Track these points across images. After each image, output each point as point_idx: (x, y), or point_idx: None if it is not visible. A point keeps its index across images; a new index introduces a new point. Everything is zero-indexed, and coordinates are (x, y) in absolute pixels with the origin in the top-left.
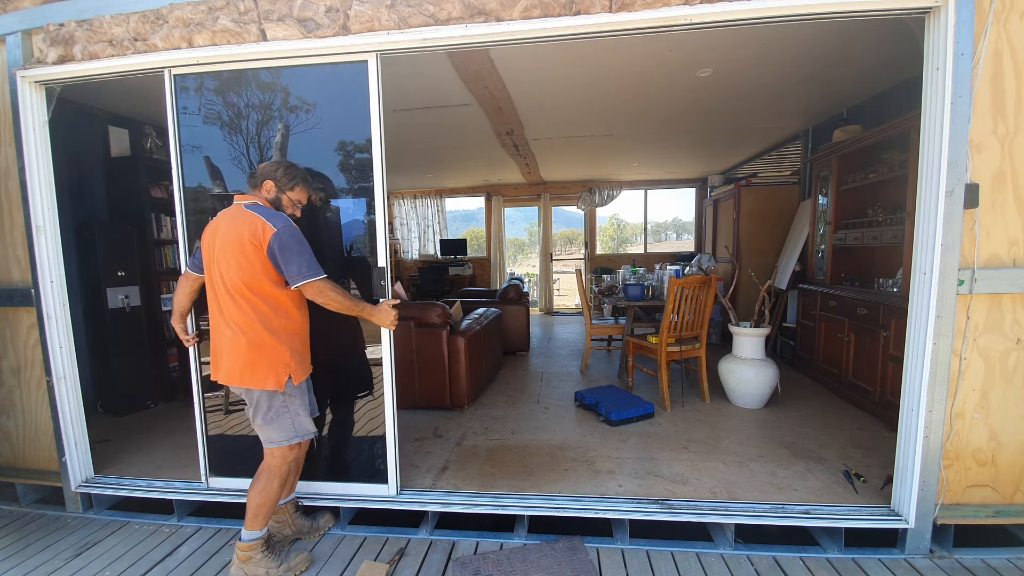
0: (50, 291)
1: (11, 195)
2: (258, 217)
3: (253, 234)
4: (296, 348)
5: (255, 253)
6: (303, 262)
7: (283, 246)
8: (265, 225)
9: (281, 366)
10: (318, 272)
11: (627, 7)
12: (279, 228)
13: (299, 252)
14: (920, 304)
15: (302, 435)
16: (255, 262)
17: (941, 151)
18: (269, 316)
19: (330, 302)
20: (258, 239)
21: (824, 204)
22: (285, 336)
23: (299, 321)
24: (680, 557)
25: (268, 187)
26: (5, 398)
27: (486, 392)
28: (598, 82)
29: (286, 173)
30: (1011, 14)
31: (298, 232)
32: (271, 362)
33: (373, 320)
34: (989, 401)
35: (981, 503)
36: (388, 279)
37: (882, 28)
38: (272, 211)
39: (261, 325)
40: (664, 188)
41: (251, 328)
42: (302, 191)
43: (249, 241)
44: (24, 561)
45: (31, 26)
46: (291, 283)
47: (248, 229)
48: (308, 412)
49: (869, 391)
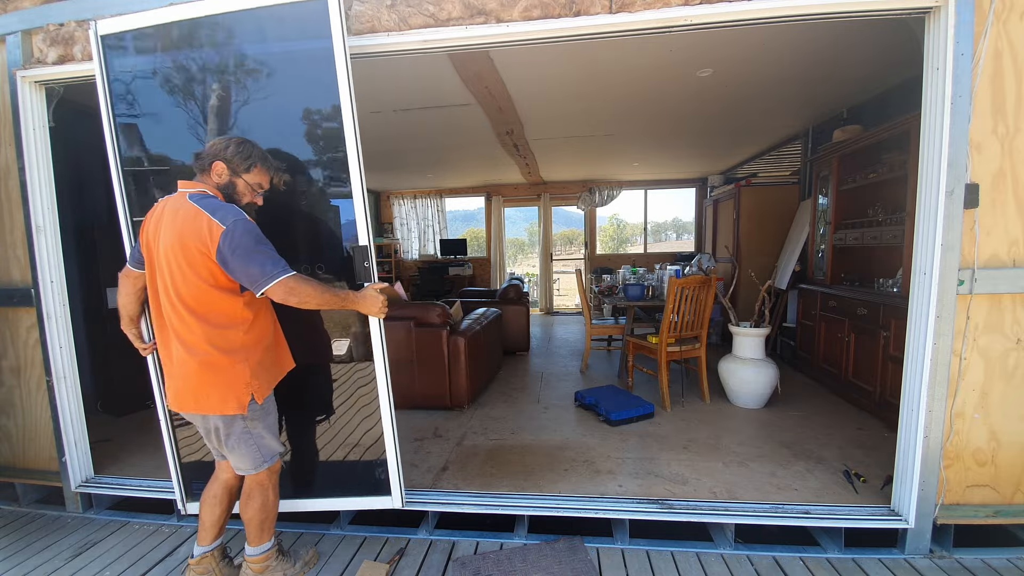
0: (50, 291)
1: (11, 195)
2: (202, 213)
3: (198, 235)
4: (259, 360)
5: (202, 260)
6: (264, 261)
7: (236, 246)
8: (211, 223)
9: (241, 386)
10: (284, 269)
11: (627, 7)
12: (228, 224)
13: (256, 251)
14: (920, 304)
15: (271, 458)
16: (202, 271)
17: (941, 151)
18: (222, 333)
19: (305, 300)
20: (204, 242)
21: (824, 204)
22: (243, 352)
23: (261, 328)
24: (680, 557)
25: (219, 170)
26: (5, 398)
27: (486, 392)
28: (598, 82)
29: (239, 151)
30: (1011, 14)
31: (253, 226)
32: (228, 384)
33: (358, 309)
34: (989, 401)
35: (981, 503)
36: (372, 260)
37: (882, 28)
38: (219, 203)
39: (211, 344)
40: (664, 188)
41: (199, 347)
42: (261, 172)
43: (194, 246)
44: (24, 561)
45: (31, 26)
46: (255, 290)
47: (191, 229)
48: (275, 430)
49: (869, 391)
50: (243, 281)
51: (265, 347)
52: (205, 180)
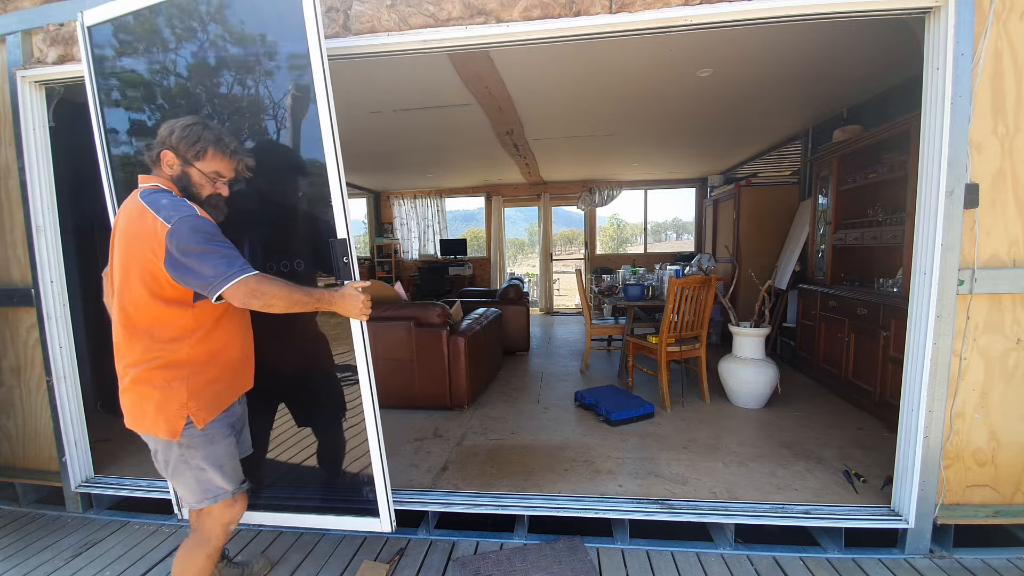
0: (50, 291)
1: (11, 195)
2: (147, 211)
3: (144, 238)
4: (208, 379)
5: (148, 267)
6: (217, 260)
7: (184, 248)
8: (156, 223)
9: (174, 408)
10: (242, 268)
11: (627, 7)
12: (174, 223)
13: (208, 250)
14: (920, 304)
15: (212, 496)
16: (146, 278)
17: (941, 151)
18: (165, 346)
19: (270, 303)
20: (151, 246)
21: (824, 204)
22: (186, 368)
23: (217, 343)
24: (680, 557)
25: (168, 160)
26: (5, 398)
27: (486, 392)
28: (598, 82)
29: (185, 135)
30: (1011, 14)
31: (203, 222)
32: (160, 404)
33: (336, 310)
34: (989, 401)
35: (981, 503)
36: (352, 255)
37: (882, 28)
38: (168, 198)
39: (148, 357)
40: (664, 188)
41: (136, 359)
42: (218, 158)
43: (140, 251)
44: (24, 561)
45: (31, 26)
46: (210, 294)
47: (137, 231)
48: (225, 462)
49: (869, 391)
50: (195, 287)
51: (221, 365)
52: (158, 173)
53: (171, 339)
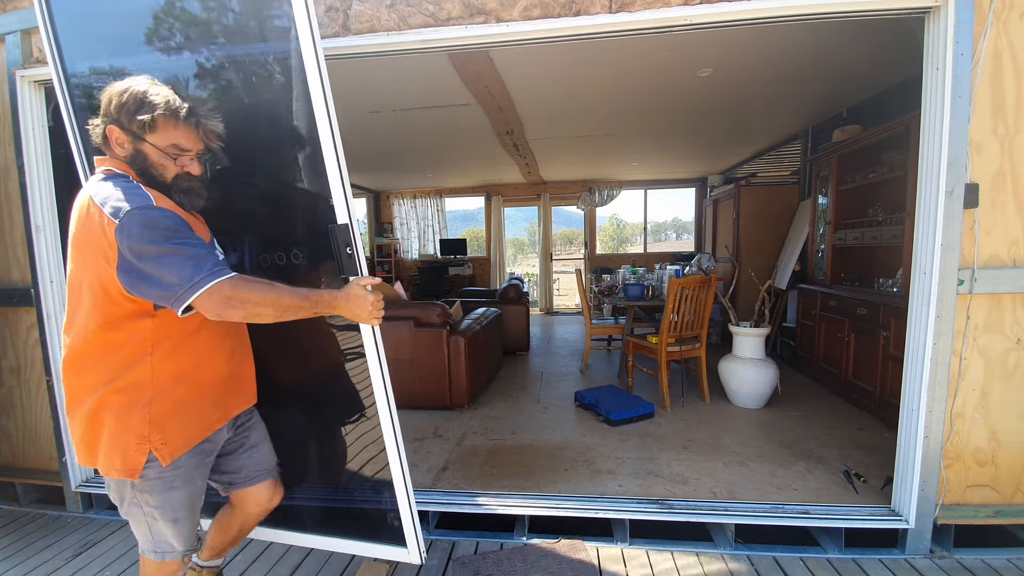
0: (50, 291)
1: (11, 195)
2: (92, 204)
3: (93, 240)
4: (175, 403)
5: (100, 278)
6: (180, 263)
7: (137, 250)
8: (103, 219)
9: (132, 441)
10: (213, 271)
11: (627, 7)
12: (122, 218)
13: (166, 250)
14: (920, 304)
15: (159, 552)
16: (98, 294)
17: (941, 151)
18: (118, 366)
19: (256, 312)
20: (104, 250)
21: (824, 204)
22: (147, 391)
23: (188, 358)
24: (680, 557)
25: (116, 137)
26: (5, 398)
27: (486, 392)
28: (598, 82)
29: (124, 102)
30: (1011, 14)
31: (158, 214)
32: (113, 436)
33: (341, 313)
34: (989, 401)
35: (981, 503)
36: (357, 246)
37: (882, 28)
38: (123, 184)
39: (101, 384)
40: (664, 188)
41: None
42: (171, 126)
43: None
44: (24, 561)
45: (30, 26)
46: (175, 307)
47: (86, 231)
48: (181, 514)
49: (869, 391)
50: (155, 298)
51: (195, 385)
52: (110, 154)
53: (129, 356)
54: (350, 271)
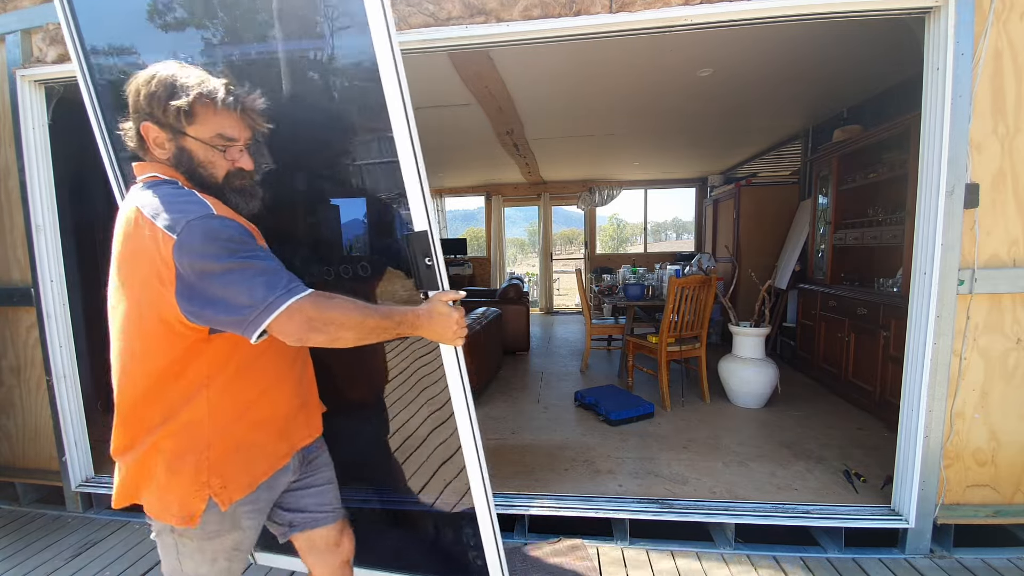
0: (50, 291)
1: (11, 195)
2: (142, 217)
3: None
4: (236, 444)
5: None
6: (253, 281)
7: (200, 268)
8: (156, 232)
9: (189, 486)
10: (288, 288)
11: (627, 7)
12: (180, 232)
13: (233, 266)
14: (920, 304)
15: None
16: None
17: (941, 151)
18: (173, 405)
19: (338, 335)
20: (158, 270)
21: (824, 204)
22: (204, 432)
23: (251, 390)
24: (680, 557)
25: (153, 136)
26: (5, 398)
27: (486, 392)
28: (598, 82)
29: (154, 91)
30: (1011, 14)
31: (221, 223)
32: (168, 482)
33: (422, 334)
34: (989, 401)
35: (981, 503)
36: (437, 254)
37: (882, 28)
38: (173, 191)
39: (149, 425)
40: (664, 188)
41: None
42: (212, 112)
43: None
44: (24, 561)
45: (30, 25)
46: (247, 334)
47: (136, 248)
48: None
49: (869, 391)
50: (225, 325)
51: (258, 419)
52: (151, 158)
53: (183, 393)
54: (429, 285)
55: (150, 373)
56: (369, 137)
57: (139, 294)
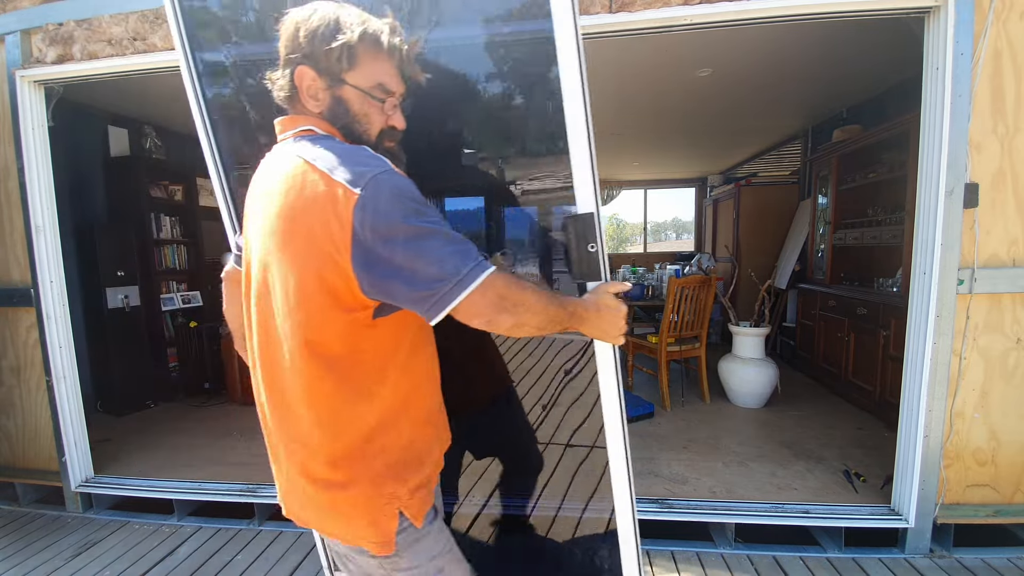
0: (49, 291)
1: (10, 195)
2: (314, 170)
3: (317, 219)
4: (409, 440)
5: (323, 272)
6: (446, 249)
7: (389, 230)
8: (334, 187)
9: (376, 499)
10: (480, 261)
11: (627, 7)
12: (365, 186)
13: (425, 230)
14: (920, 304)
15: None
16: (314, 291)
17: (941, 151)
18: (348, 400)
19: (523, 320)
20: (332, 232)
21: (824, 204)
22: (390, 431)
23: (415, 380)
24: (680, 556)
25: (309, 82)
26: (5, 398)
27: None
28: (598, 82)
29: (315, 29)
30: (1011, 14)
31: (407, 182)
32: (353, 496)
33: (583, 330)
34: (989, 400)
35: (981, 502)
36: (601, 240)
37: (882, 28)
38: (339, 145)
39: (325, 426)
40: (664, 188)
41: (331, 422)
42: (373, 58)
43: (311, 247)
44: (24, 561)
45: (30, 26)
46: (433, 312)
47: (305, 207)
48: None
49: (869, 391)
50: (404, 301)
51: (422, 415)
52: (300, 109)
53: (358, 386)
54: (590, 274)
55: (315, 364)
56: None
57: (304, 264)
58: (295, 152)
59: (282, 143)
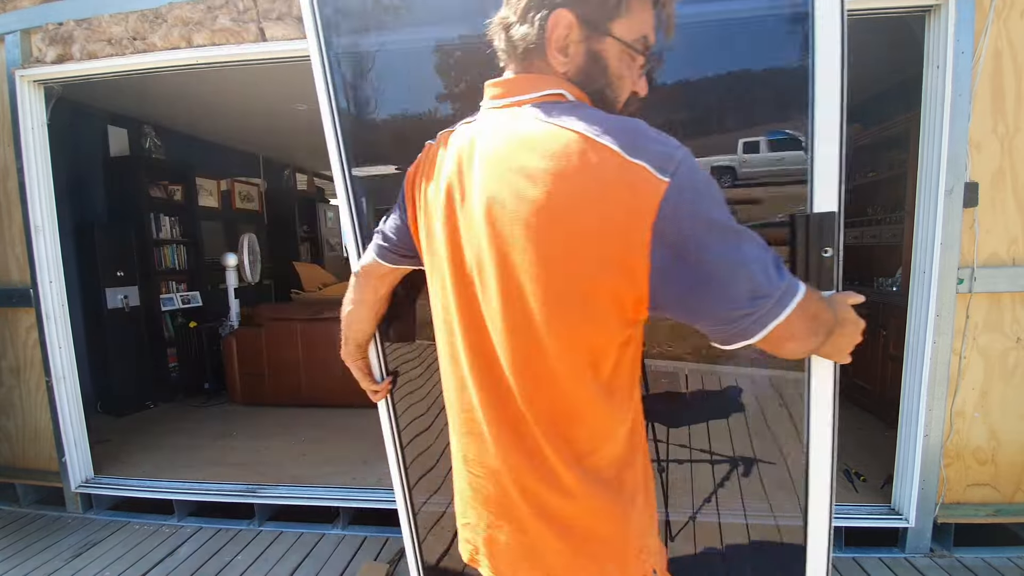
0: (49, 291)
1: (10, 195)
2: (594, 146)
3: (598, 202)
4: (645, 483)
5: (609, 267)
6: (764, 258)
7: (702, 230)
8: (634, 172)
9: (629, 547)
10: (791, 274)
11: None
12: (674, 173)
13: (741, 231)
14: (920, 303)
15: None
16: (598, 297)
17: (941, 150)
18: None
19: (806, 344)
20: (623, 225)
21: None
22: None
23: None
24: None
25: (561, 36)
26: (5, 398)
27: None
28: None
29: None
30: (1011, 12)
31: (708, 176)
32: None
33: (825, 350)
34: (989, 400)
35: (981, 502)
36: (839, 244)
37: (882, 27)
38: (614, 118)
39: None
40: None
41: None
42: (642, 9)
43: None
44: (24, 561)
45: (30, 25)
46: (747, 335)
47: (573, 190)
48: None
49: (869, 390)
50: (707, 315)
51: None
52: (541, 68)
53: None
54: (821, 285)
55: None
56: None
57: (580, 261)
58: (553, 121)
59: (508, 107)
